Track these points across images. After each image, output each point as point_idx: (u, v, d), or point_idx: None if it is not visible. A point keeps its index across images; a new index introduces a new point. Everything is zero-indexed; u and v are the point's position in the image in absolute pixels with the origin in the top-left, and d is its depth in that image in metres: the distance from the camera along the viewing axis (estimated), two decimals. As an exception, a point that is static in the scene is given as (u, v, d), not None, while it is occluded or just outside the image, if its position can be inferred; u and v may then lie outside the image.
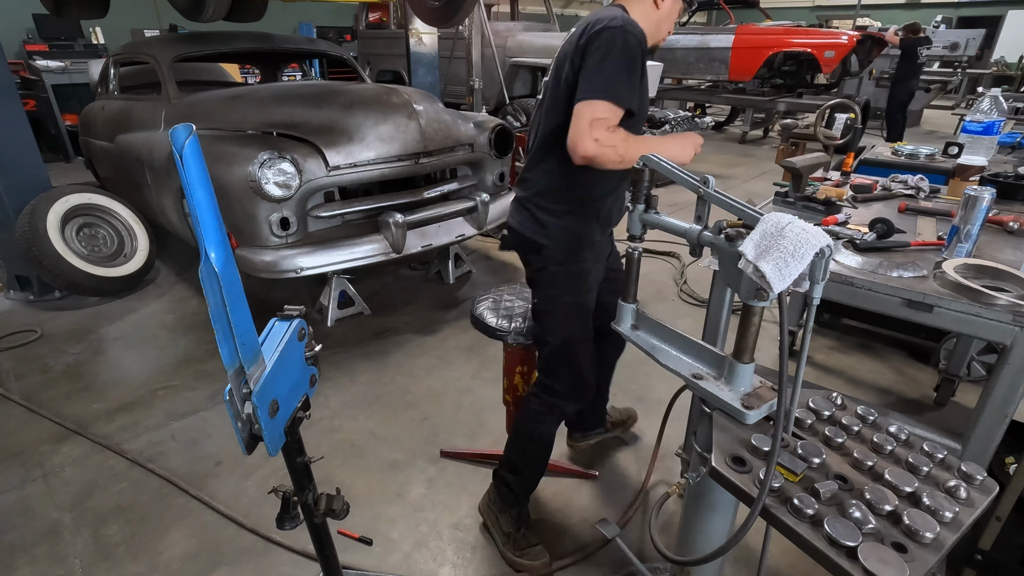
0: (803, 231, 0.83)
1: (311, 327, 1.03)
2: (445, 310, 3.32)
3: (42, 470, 2.09)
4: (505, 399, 1.90)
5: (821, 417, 1.04)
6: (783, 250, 0.83)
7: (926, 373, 2.68)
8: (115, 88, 4.08)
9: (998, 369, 1.28)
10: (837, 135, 2.56)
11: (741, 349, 0.98)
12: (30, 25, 7.41)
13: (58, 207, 3.24)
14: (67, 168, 6.63)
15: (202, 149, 0.74)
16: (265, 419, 0.86)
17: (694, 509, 1.16)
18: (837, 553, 0.76)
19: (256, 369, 0.85)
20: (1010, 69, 13.79)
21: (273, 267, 2.56)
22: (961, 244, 1.46)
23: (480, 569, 1.71)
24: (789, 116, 7.55)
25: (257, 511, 1.89)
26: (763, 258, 0.85)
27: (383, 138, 2.79)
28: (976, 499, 0.86)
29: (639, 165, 1.10)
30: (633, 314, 1.23)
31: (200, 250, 0.77)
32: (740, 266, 0.88)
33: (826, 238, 0.84)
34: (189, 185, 0.73)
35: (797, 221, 0.85)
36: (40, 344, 2.94)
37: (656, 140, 1.40)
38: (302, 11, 10.65)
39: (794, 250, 0.82)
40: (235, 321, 0.79)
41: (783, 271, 0.83)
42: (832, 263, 0.94)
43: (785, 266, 0.83)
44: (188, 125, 0.72)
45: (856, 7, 11.25)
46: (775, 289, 0.84)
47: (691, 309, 3.35)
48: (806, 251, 0.82)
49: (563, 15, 14.60)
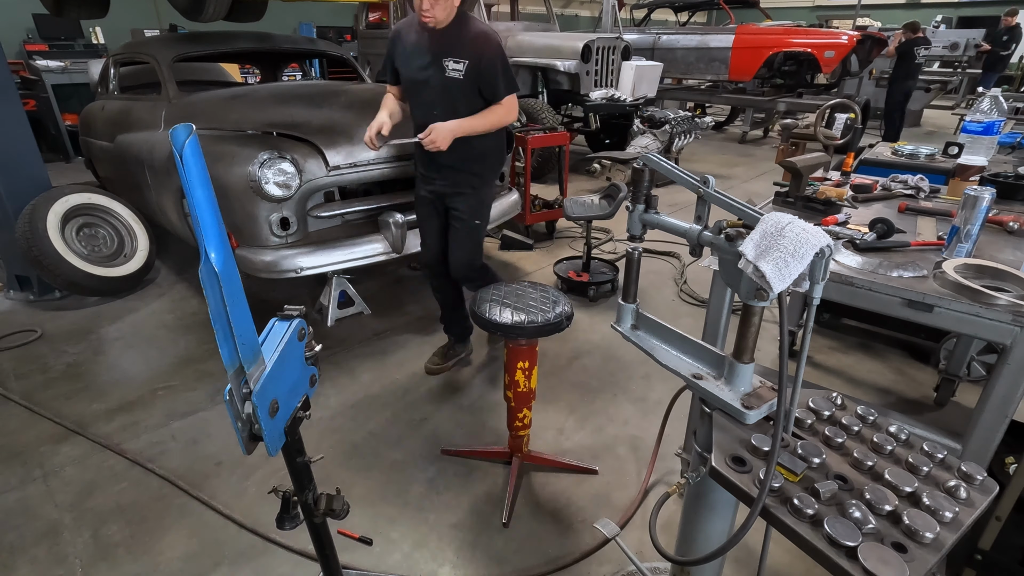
0: (803, 231, 0.83)
1: (311, 327, 1.02)
2: (445, 310, 3.32)
3: (42, 470, 2.09)
4: (506, 395, 1.90)
5: (821, 417, 1.04)
6: (783, 250, 0.83)
7: (926, 373, 2.68)
8: (115, 88, 4.08)
9: (998, 369, 1.28)
10: (837, 135, 2.57)
11: (741, 349, 0.98)
12: (30, 25, 7.41)
13: (58, 207, 3.24)
14: (67, 168, 6.63)
15: (202, 149, 0.74)
16: (265, 419, 0.86)
17: (694, 509, 1.16)
18: (837, 553, 0.76)
19: (256, 369, 0.85)
20: (1010, 69, 13.79)
21: (273, 267, 2.56)
22: (961, 244, 1.46)
23: (480, 569, 1.71)
24: (789, 116, 7.55)
25: (257, 511, 1.89)
26: (763, 258, 0.85)
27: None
28: (976, 499, 0.86)
29: (639, 165, 1.10)
30: (633, 314, 1.23)
31: (200, 250, 0.77)
32: (740, 266, 0.88)
33: (826, 238, 0.84)
34: (189, 185, 0.73)
35: (797, 221, 0.85)
36: (40, 344, 2.94)
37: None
38: (302, 11, 10.64)
39: (794, 250, 0.82)
40: (235, 321, 0.79)
41: (783, 271, 0.83)
42: (832, 263, 0.94)
43: (785, 266, 0.82)
44: (188, 125, 0.72)
45: (856, 7, 11.25)
46: (775, 289, 0.84)
47: (691, 309, 3.36)
48: (806, 251, 0.82)
49: (563, 15, 14.60)
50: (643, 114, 6.14)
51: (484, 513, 1.91)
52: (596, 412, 2.41)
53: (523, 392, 1.86)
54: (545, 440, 2.24)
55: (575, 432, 2.29)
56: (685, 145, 6.28)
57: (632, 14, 10.18)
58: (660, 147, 5.88)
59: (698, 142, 7.91)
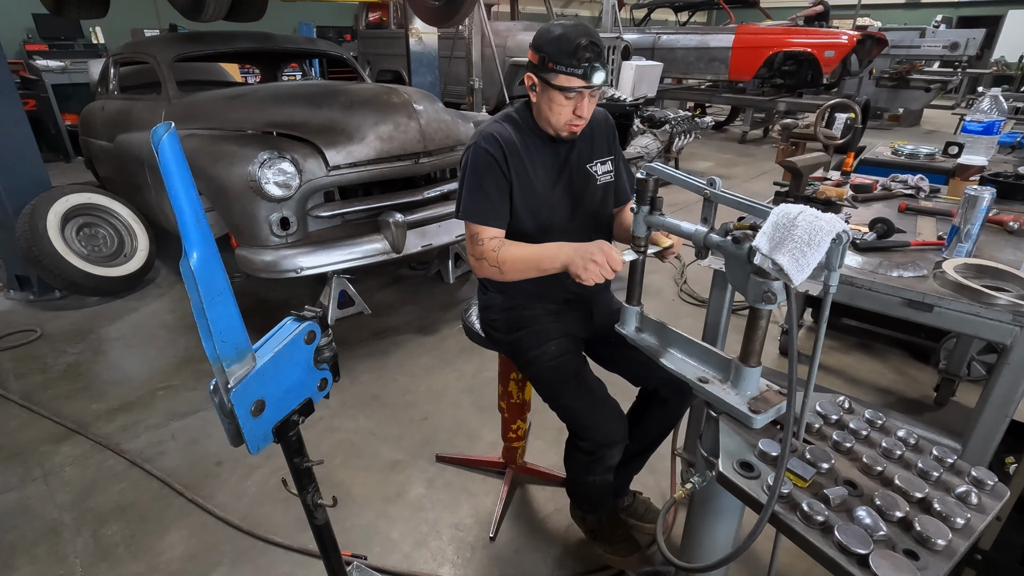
0: (816, 218, 0.81)
1: (330, 330, 1.00)
2: (445, 310, 3.32)
3: (42, 470, 2.09)
4: (500, 406, 1.87)
5: (829, 421, 1.02)
6: (798, 240, 0.80)
7: (926, 373, 2.68)
8: (115, 88, 4.08)
9: (998, 369, 1.28)
10: (837, 135, 2.56)
11: (748, 352, 0.97)
12: (30, 25, 7.40)
13: (58, 207, 3.24)
14: (67, 168, 6.63)
15: (202, 149, 0.74)
16: (245, 417, 0.85)
17: (700, 514, 1.15)
18: (849, 561, 0.74)
19: (241, 367, 0.84)
20: (1010, 69, 13.79)
21: (273, 267, 2.56)
22: (961, 244, 1.46)
23: (480, 569, 1.71)
24: (789, 116, 7.54)
25: (258, 511, 1.89)
26: (778, 250, 0.82)
27: (383, 138, 2.79)
28: (987, 504, 0.85)
29: (642, 175, 1.09)
30: (637, 317, 1.23)
31: (183, 247, 0.76)
32: (756, 261, 0.85)
33: (841, 223, 0.80)
34: (169, 182, 0.73)
35: (808, 209, 0.82)
36: (40, 344, 2.94)
37: (534, 251, 1.35)
38: (302, 11, 10.63)
39: (809, 239, 0.79)
40: (216, 318, 0.79)
41: (800, 261, 0.80)
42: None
43: (802, 256, 0.80)
44: (167, 123, 0.72)
45: (856, 7, 11.24)
46: (795, 281, 0.81)
47: (691, 309, 3.35)
48: (822, 238, 0.79)
49: (563, 15, 14.59)
50: (643, 114, 6.14)
51: (484, 513, 1.91)
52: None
53: (516, 403, 1.82)
54: (545, 440, 2.24)
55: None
56: (685, 145, 6.28)
57: (632, 14, 10.18)
58: (660, 147, 5.87)
59: (698, 142, 7.90)
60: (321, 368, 1.00)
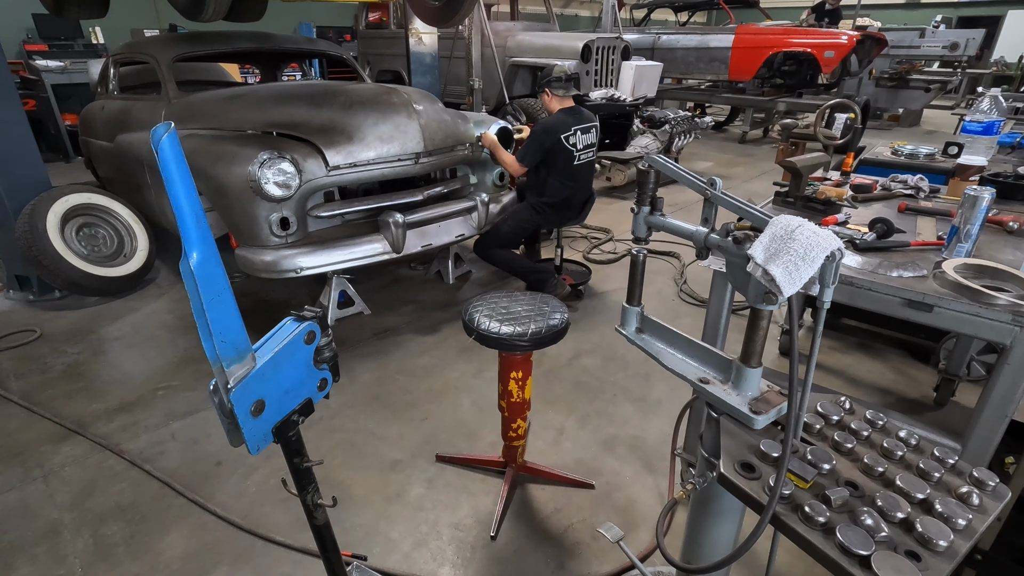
0: (814, 234, 0.82)
1: (330, 330, 1.01)
2: (445, 310, 3.32)
3: (42, 470, 2.09)
4: (500, 405, 1.86)
5: (830, 422, 1.02)
6: (793, 253, 0.81)
7: (926, 373, 2.68)
8: (115, 88, 4.08)
9: (998, 369, 1.28)
10: (837, 135, 2.57)
11: (748, 353, 0.97)
12: (30, 25, 7.40)
13: (58, 207, 3.24)
14: (67, 168, 6.63)
15: (202, 149, 0.74)
16: (244, 417, 0.85)
17: (700, 515, 1.15)
18: (850, 562, 0.74)
19: (241, 367, 0.85)
20: (1010, 69, 13.80)
21: (273, 267, 2.56)
22: (961, 244, 1.46)
23: (480, 569, 1.71)
24: (789, 116, 7.54)
25: (258, 511, 1.89)
26: (773, 261, 0.83)
27: (383, 138, 2.79)
28: (989, 505, 0.85)
29: (643, 166, 1.10)
30: (638, 317, 1.23)
31: (183, 247, 0.76)
32: (749, 269, 0.86)
33: (837, 241, 0.82)
34: (169, 182, 0.73)
35: (807, 224, 0.84)
36: (40, 344, 2.94)
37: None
38: (302, 11, 10.64)
39: (804, 253, 0.81)
40: (216, 318, 0.79)
41: (793, 275, 0.81)
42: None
43: (796, 270, 0.81)
44: (167, 123, 0.72)
45: (856, 7, 11.23)
46: (785, 293, 0.82)
47: (691, 309, 3.35)
48: (816, 254, 0.80)
49: (563, 15, 14.60)
50: (643, 114, 6.14)
51: (484, 513, 1.91)
52: (596, 412, 2.41)
53: (516, 403, 1.81)
54: (545, 440, 2.24)
55: (576, 432, 2.29)
56: (685, 145, 6.28)
57: (632, 14, 10.18)
58: (660, 147, 5.88)
59: (698, 142, 7.91)
60: (321, 368, 1.00)
